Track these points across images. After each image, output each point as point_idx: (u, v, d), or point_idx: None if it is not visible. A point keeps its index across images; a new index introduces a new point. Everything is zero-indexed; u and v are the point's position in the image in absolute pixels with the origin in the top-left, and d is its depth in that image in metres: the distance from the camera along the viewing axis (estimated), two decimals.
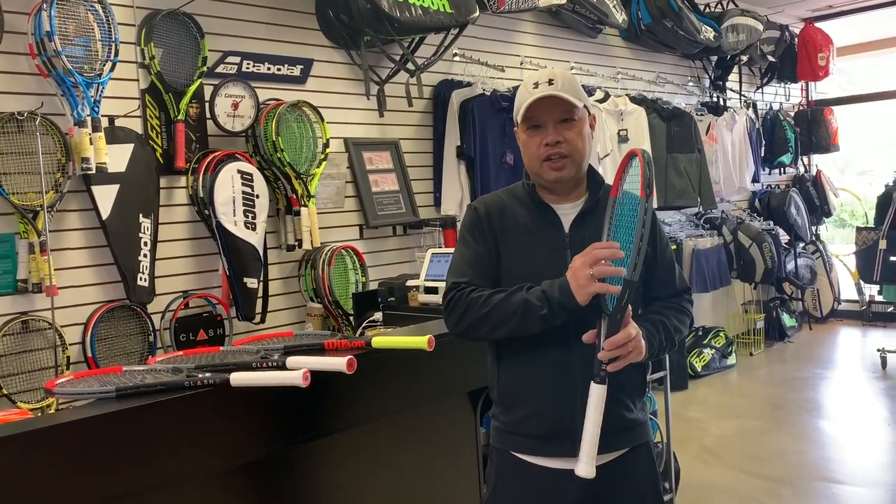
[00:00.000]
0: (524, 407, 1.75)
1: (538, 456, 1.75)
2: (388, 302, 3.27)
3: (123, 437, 1.64)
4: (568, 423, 1.69)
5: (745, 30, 6.33)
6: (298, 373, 1.73)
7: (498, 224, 1.78)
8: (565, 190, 1.79)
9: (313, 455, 2.08)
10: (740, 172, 6.58)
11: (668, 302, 1.84)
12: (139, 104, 3.26)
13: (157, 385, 1.77)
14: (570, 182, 1.78)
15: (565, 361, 1.70)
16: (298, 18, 3.84)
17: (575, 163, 1.74)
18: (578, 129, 1.74)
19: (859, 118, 8.48)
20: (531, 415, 1.74)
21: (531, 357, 1.74)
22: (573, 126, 1.73)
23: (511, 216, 1.79)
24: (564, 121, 1.73)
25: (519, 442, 1.77)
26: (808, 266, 7.44)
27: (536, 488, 1.74)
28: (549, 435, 1.72)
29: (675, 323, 1.79)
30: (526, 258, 1.75)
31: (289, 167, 3.51)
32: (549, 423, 1.72)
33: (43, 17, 2.80)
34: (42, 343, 2.95)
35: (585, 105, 1.78)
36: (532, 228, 1.77)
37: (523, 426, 1.75)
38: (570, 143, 1.73)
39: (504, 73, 4.77)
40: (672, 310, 1.82)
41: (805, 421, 4.89)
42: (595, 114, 1.85)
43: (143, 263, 3.14)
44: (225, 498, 1.91)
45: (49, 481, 1.53)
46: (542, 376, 1.73)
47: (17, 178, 2.84)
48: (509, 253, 1.77)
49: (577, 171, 1.77)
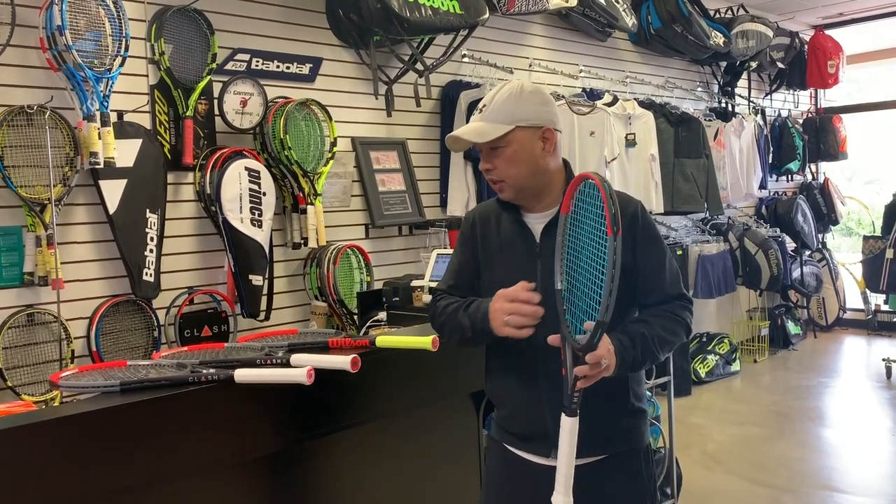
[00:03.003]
0: (504, 408, 1.87)
1: (518, 449, 1.84)
2: (393, 302, 3.27)
3: (127, 432, 1.64)
4: (540, 426, 1.74)
5: (754, 36, 6.32)
6: (302, 370, 1.73)
7: (480, 233, 1.86)
8: (531, 203, 1.81)
9: (316, 453, 2.08)
10: (747, 179, 6.57)
11: (659, 309, 1.76)
12: (148, 100, 3.27)
13: (161, 380, 1.77)
14: (528, 199, 1.79)
15: (531, 369, 1.75)
16: (308, 17, 3.84)
17: (510, 186, 1.77)
18: (507, 154, 1.74)
19: (868, 127, 8.45)
20: (510, 415, 1.85)
21: (506, 363, 1.83)
22: (501, 153, 1.75)
23: (493, 225, 1.85)
24: (493, 148, 1.76)
25: (505, 436, 1.87)
26: (814, 274, 7.41)
27: (521, 478, 1.83)
28: (526, 435, 1.81)
29: (661, 332, 1.71)
30: (499, 266, 1.82)
31: (296, 165, 3.52)
32: (524, 423, 1.81)
33: (54, 12, 2.81)
34: (47, 336, 2.96)
35: (533, 124, 1.74)
36: (507, 238, 1.82)
37: (507, 423, 1.86)
38: (498, 171, 1.77)
39: (513, 75, 4.76)
40: (661, 318, 1.74)
41: (808, 429, 4.88)
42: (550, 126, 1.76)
43: (149, 258, 3.15)
44: (228, 494, 1.92)
45: (53, 474, 1.53)
46: (512, 382, 1.81)
47: (26, 171, 2.85)
48: (486, 261, 1.85)
49: (518, 192, 1.78)
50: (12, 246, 2.89)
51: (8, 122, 2.80)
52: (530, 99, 1.76)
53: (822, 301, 7.75)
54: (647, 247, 1.77)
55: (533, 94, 1.77)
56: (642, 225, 1.76)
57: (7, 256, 2.88)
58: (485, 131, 1.74)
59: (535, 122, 1.75)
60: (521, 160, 1.75)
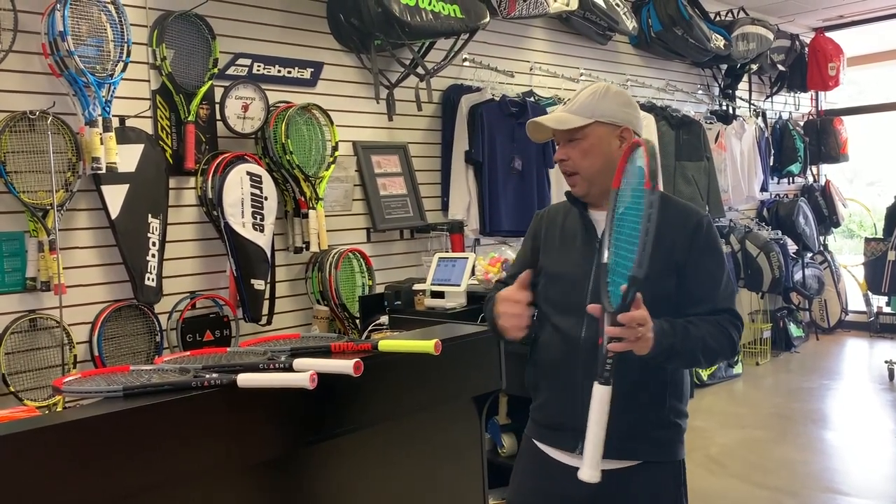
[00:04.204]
0: (538, 397, 1.91)
1: (546, 445, 1.86)
2: (395, 305, 3.27)
3: (130, 437, 1.64)
4: (570, 419, 1.76)
5: (755, 39, 6.32)
6: (305, 374, 1.73)
7: (545, 227, 1.94)
8: (599, 200, 1.83)
9: (318, 458, 2.08)
10: (749, 181, 6.57)
11: (709, 317, 1.75)
12: (150, 105, 3.28)
13: (164, 385, 1.77)
14: (597, 193, 1.82)
15: (570, 360, 1.78)
16: (309, 22, 3.85)
17: (584, 179, 1.82)
18: (584, 147, 1.80)
19: (869, 128, 8.45)
20: (542, 404, 1.89)
21: (545, 352, 1.87)
22: (577, 144, 1.81)
23: (560, 221, 1.92)
24: (571, 140, 1.82)
25: (534, 428, 1.92)
26: (816, 276, 7.41)
27: (542, 475, 1.86)
28: (554, 426, 1.84)
29: (706, 336, 1.70)
30: (559, 258, 1.88)
31: (297, 169, 3.52)
32: (554, 414, 1.84)
33: (56, 17, 2.82)
34: (49, 341, 2.96)
35: (613, 122, 1.80)
36: (571, 233, 1.88)
37: (537, 414, 1.91)
38: (573, 162, 1.82)
39: (514, 79, 4.77)
40: (709, 324, 1.73)
41: (811, 431, 4.87)
42: (630, 127, 1.81)
43: (151, 263, 3.15)
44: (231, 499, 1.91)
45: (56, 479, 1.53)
46: (550, 370, 1.85)
47: (28, 177, 2.86)
48: (548, 253, 1.91)
49: (590, 187, 1.82)
50: (15, 251, 2.89)
51: (10, 128, 2.81)
52: (614, 98, 1.82)
53: (824, 303, 7.74)
54: (705, 254, 1.79)
55: (617, 95, 1.83)
56: (705, 234, 1.80)
57: (9, 262, 2.88)
58: (566, 120, 1.81)
59: (614, 120, 1.80)
60: (596, 154, 1.79)
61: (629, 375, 1.66)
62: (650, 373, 1.72)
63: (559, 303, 1.84)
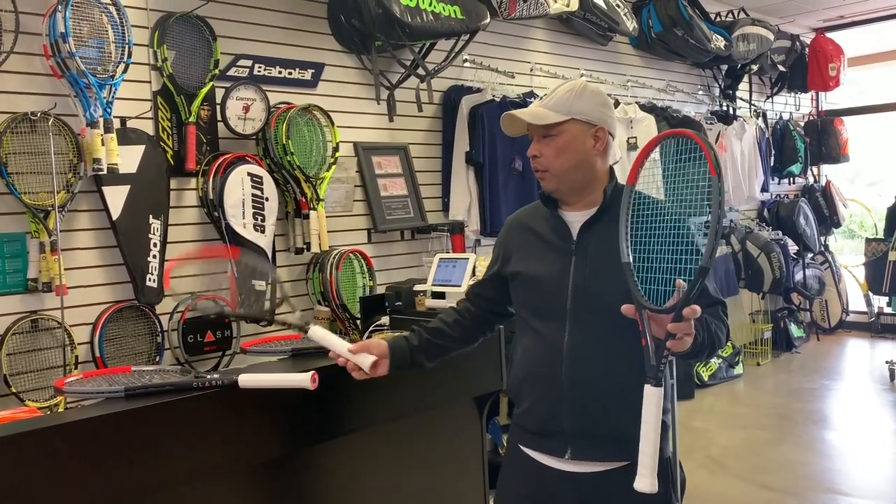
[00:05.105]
0: (522, 403, 1.86)
1: (534, 450, 1.83)
2: (396, 306, 3.27)
3: (132, 437, 1.65)
4: (557, 423, 1.75)
5: (755, 39, 6.32)
6: (307, 375, 1.74)
7: (516, 234, 1.93)
8: (571, 199, 1.83)
9: (319, 458, 2.09)
10: (749, 182, 6.57)
11: (708, 310, 1.74)
12: (151, 106, 3.28)
13: (165, 385, 1.78)
14: (568, 192, 1.82)
15: (554, 365, 1.76)
16: (310, 23, 3.85)
17: (554, 176, 1.81)
18: (558, 143, 1.78)
19: (869, 129, 8.44)
20: (527, 410, 1.84)
21: (527, 357, 1.85)
22: (552, 141, 1.79)
23: (531, 225, 1.90)
24: (545, 136, 1.80)
25: (522, 435, 1.87)
26: (817, 277, 7.40)
27: (529, 481, 1.83)
28: (541, 431, 1.81)
29: (714, 328, 1.70)
30: (535, 262, 1.84)
31: (298, 170, 3.52)
32: (540, 420, 1.81)
33: (57, 19, 2.82)
34: (51, 342, 2.97)
35: (589, 120, 1.78)
36: (544, 236, 1.85)
37: (523, 419, 1.86)
38: (545, 159, 1.81)
39: (514, 80, 4.77)
40: (711, 315, 1.73)
41: (811, 432, 4.87)
42: (604, 127, 1.80)
43: (153, 264, 3.16)
44: (232, 498, 1.92)
45: (57, 480, 1.54)
46: (533, 376, 1.82)
47: (29, 178, 2.86)
48: (522, 259, 1.87)
49: (559, 184, 1.81)
50: (16, 252, 2.90)
51: (12, 129, 2.81)
52: (591, 97, 1.80)
53: (825, 304, 7.74)
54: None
55: (594, 94, 1.81)
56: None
57: (11, 263, 2.89)
58: (542, 115, 1.79)
59: (590, 119, 1.79)
60: (570, 151, 1.78)
61: (613, 376, 1.67)
62: (633, 372, 1.69)
63: (538, 307, 1.83)
